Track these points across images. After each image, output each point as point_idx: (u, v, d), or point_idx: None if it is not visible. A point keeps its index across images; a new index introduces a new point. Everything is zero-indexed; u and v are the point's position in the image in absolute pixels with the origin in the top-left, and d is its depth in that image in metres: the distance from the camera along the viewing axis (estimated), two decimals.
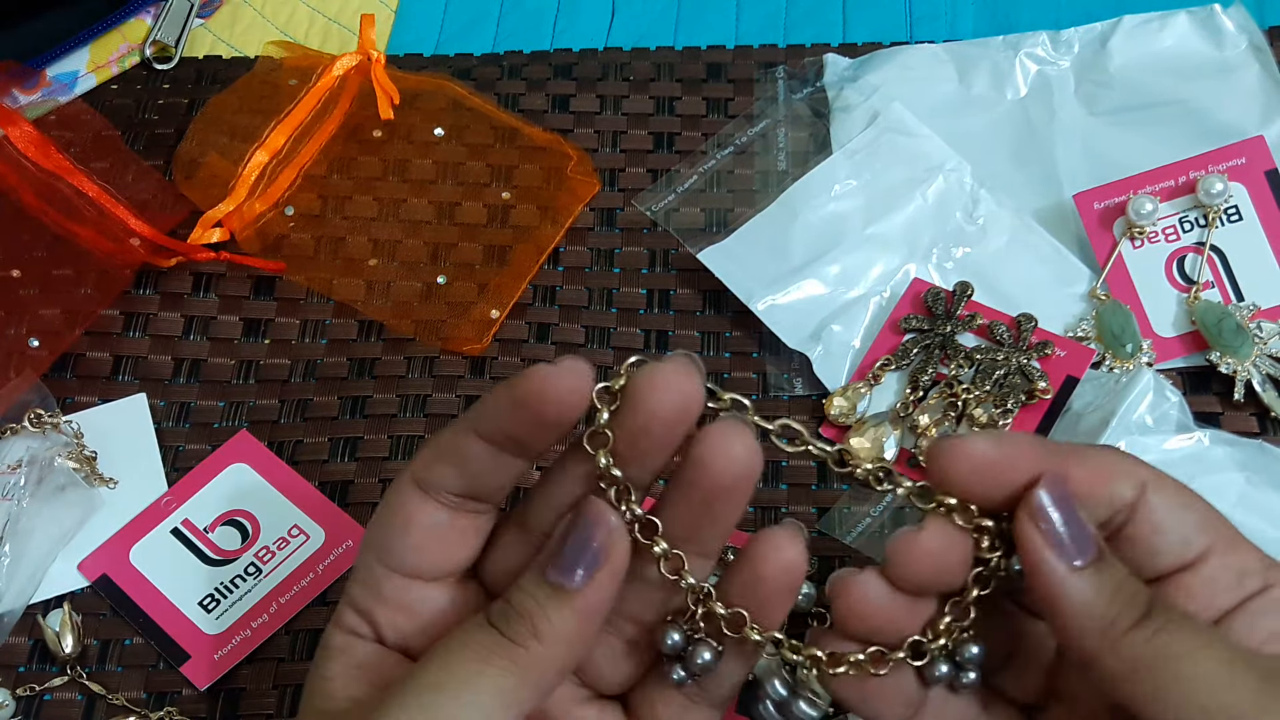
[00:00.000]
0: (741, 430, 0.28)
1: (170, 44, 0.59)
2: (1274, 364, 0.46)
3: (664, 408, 0.27)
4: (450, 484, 0.30)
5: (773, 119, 0.54)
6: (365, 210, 0.53)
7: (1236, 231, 0.48)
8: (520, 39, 0.59)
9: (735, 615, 0.29)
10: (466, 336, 0.49)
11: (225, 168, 0.52)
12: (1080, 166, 0.51)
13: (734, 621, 0.29)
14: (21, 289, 0.51)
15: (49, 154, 0.49)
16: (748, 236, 0.50)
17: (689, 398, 0.27)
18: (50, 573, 0.45)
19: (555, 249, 0.52)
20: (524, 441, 0.29)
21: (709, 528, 0.29)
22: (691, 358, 0.28)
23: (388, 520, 0.30)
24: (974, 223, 0.50)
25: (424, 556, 0.30)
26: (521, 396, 0.28)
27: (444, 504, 0.30)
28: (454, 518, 0.30)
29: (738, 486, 0.28)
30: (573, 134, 0.55)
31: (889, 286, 0.49)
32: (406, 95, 0.54)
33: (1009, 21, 0.56)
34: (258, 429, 0.48)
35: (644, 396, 0.27)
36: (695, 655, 0.29)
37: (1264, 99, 0.51)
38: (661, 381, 0.27)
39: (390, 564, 0.31)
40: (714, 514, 0.29)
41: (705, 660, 0.29)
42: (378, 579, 0.31)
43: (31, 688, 0.43)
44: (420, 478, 0.30)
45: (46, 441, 0.46)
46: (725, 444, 0.27)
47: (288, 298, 0.51)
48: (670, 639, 0.30)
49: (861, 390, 0.47)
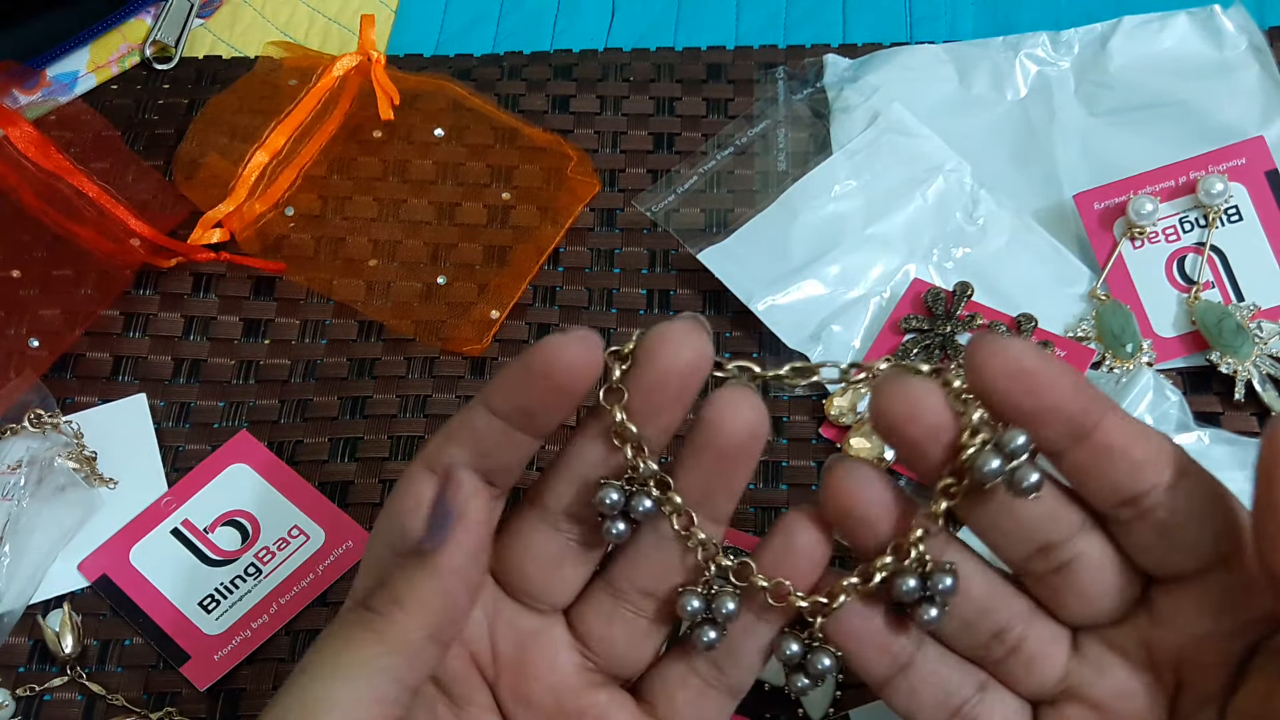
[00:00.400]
0: (749, 393, 0.29)
1: (170, 44, 0.59)
2: (1274, 364, 0.46)
3: (678, 361, 0.28)
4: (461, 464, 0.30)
5: (773, 119, 0.54)
6: (365, 211, 0.53)
7: (1236, 232, 0.48)
8: (520, 39, 0.59)
9: (741, 565, 0.30)
10: (466, 337, 0.49)
11: (225, 168, 0.52)
12: (1080, 167, 0.51)
13: (740, 571, 0.30)
14: (21, 289, 0.51)
15: (49, 154, 0.49)
16: (748, 237, 0.50)
17: (700, 352, 0.28)
18: (50, 573, 0.45)
19: (555, 249, 0.52)
20: (536, 414, 0.29)
21: (721, 490, 0.30)
22: (698, 318, 0.29)
23: (399, 505, 0.31)
24: (974, 223, 0.50)
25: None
26: (533, 366, 0.28)
27: None
28: None
29: (748, 446, 0.29)
30: (573, 134, 0.55)
31: (889, 287, 0.49)
32: (406, 96, 0.54)
33: (1009, 22, 0.56)
34: (258, 429, 0.48)
35: (657, 351, 0.28)
36: (719, 607, 0.30)
37: (1264, 99, 0.51)
38: (673, 336, 0.28)
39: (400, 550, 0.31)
40: (725, 475, 0.29)
41: (729, 610, 0.30)
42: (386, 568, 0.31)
43: (31, 688, 0.43)
44: (431, 461, 0.30)
45: (46, 442, 0.46)
46: (735, 405, 0.28)
47: (288, 298, 0.51)
48: (690, 605, 0.30)
49: (861, 390, 0.47)
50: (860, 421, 0.46)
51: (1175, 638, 0.30)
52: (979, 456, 0.27)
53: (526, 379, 0.28)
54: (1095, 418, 0.27)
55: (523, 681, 0.32)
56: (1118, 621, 0.30)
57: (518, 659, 0.32)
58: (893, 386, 0.27)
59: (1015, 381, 0.27)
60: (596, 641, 0.32)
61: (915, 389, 0.27)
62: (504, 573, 0.32)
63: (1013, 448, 0.27)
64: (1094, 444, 0.28)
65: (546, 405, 0.29)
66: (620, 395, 0.29)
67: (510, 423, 0.29)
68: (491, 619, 0.32)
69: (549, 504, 0.31)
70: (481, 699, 0.32)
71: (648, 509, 0.29)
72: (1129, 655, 0.30)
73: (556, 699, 0.32)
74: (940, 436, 0.27)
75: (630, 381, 0.29)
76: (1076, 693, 0.31)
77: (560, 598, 0.32)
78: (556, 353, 0.28)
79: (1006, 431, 0.27)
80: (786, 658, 0.30)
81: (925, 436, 0.27)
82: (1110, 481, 0.28)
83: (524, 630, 0.32)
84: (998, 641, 0.31)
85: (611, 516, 0.30)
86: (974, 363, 0.27)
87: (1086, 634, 0.31)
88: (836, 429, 0.47)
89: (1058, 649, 0.31)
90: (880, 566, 0.29)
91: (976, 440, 0.27)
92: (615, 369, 0.29)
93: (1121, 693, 0.30)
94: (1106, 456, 0.28)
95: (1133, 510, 0.28)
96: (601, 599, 0.32)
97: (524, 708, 0.32)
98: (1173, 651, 0.30)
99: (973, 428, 0.27)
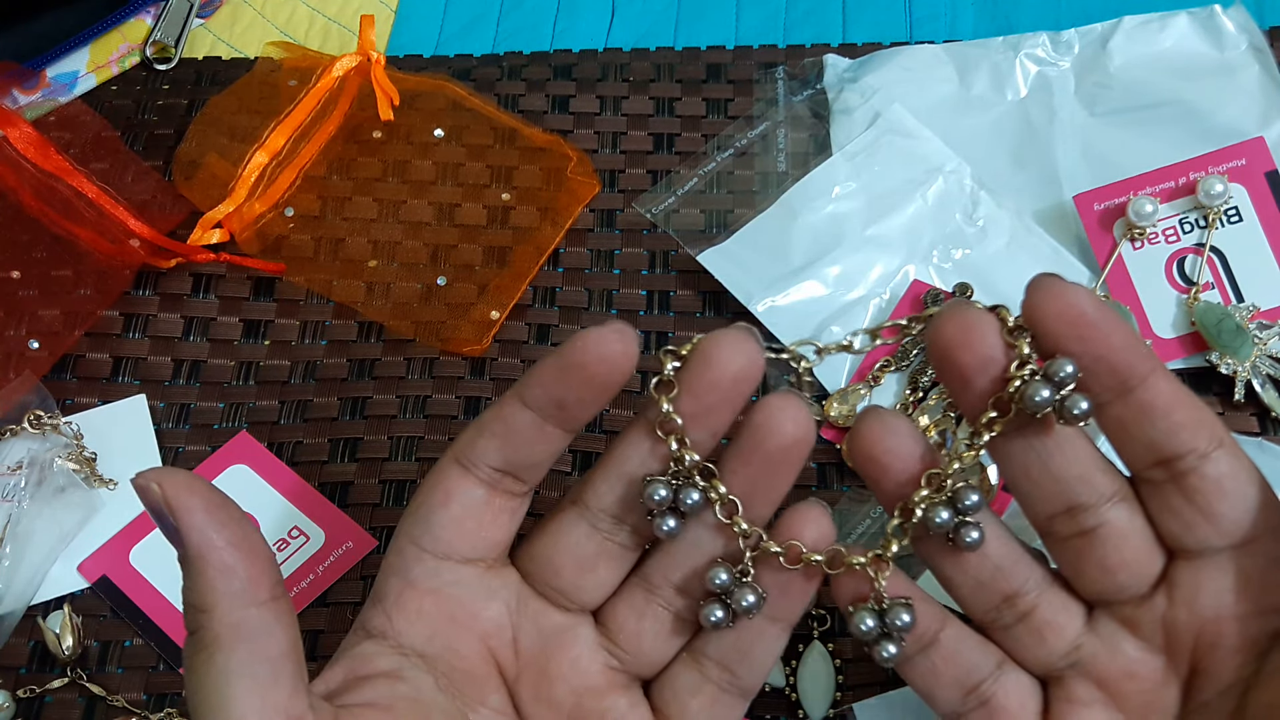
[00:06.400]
0: (797, 399, 0.30)
1: (170, 44, 0.59)
2: (1274, 364, 0.46)
3: (733, 365, 0.29)
4: (491, 457, 0.31)
5: (772, 120, 0.54)
6: (365, 211, 0.53)
7: (1236, 232, 0.48)
8: (520, 39, 0.58)
9: (790, 547, 0.30)
10: (466, 338, 0.49)
11: (225, 169, 0.52)
12: (1080, 167, 0.51)
13: (791, 554, 0.30)
14: (21, 290, 0.51)
15: (48, 155, 0.49)
16: (747, 238, 0.50)
17: (753, 361, 0.29)
18: (50, 574, 0.45)
19: (555, 250, 0.52)
20: (570, 408, 0.30)
21: (764, 491, 0.30)
22: (751, 329, 0.29)
23: (426, 498, 0.32)
24: (974, 224, 0.50)
25: (460, 532, 0.31)
26: (570, 358, 0.29)
27: (482, 480, 0.31)
28: (490, 495, 0.31)
29: (795, 450, 0.30)
30: (572, 135, 0.55)
31: (888, 288, 0.49)
32: (406, 96, 0.54)
33: (1009, 22, 0.56)
34: (257, 430, 0.48)
35: (712, 354, 0.29)
36: (740, 598, 0.30)
37: (1264, 100, 0.51)
38: (730, 342, 0.29)
39: (424, 544, 0.31)
40: (770, 478, 0.30)
41: (749, 602, 0.30)
42: (408, 563, 0.32)
43: (32, 689, 0.43)
44: (461, 455, 0.31)
45: (46, 443, 0.47)
46: (784, 410, 0.29)
47: (287, 299, 0.51)
48: (718, 578, 0.30)
49: (861, 392, 0.47)
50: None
51: (1195, 618, 0.30)
52: (1029, 386, 0.27)
53: (562, 370, 0.29)
54: (1142, 374, 0.28)
55: (545, 680, 0.32)
56: (1135, 600, 0.30)
57: (541, 657, 0.32)
58: (951, 313, 0.28)
59: (1070, 326, 0.27)
60: (626, 637, 0.32)
61: (972, 317, 0.28)
62: (535, 568, 0.32)
63: (1061, 376, 0.27)
64: (1137, 399, 0.28)
65: (581, 397, 0.29)
66: (670, 388, 0.29)
67: (543, 415, 0.30)
68: (515, 615, 0.32)
69: (589, 502, 0.31)
70: (495, 700, 0.32)
71: (695, 501, 0.30)
72: (1144, 635, 0.30)
73: (578, 699, 0.32)
74: (989, 368, 0.28)
75: (682, 381, 0.29)
76: (1085, 667, 0.31)
77: (591, 597, 0.32)
78: (594, 344, 0.29)
79: (1055, 361, 0.27)
80: (861, 632, 0.30)
81: (976, 365, 0.28)
82: (1148, 440, 0.28)
83: (549, 628, 0.32)
84: (1009, 606, 0.31)
85: (661, 513, 0.30)
86: (1031, 301, 0.28)
87: (1102, 610, 0.31)
88: (836, 430, 0.47)
89: (1070, 620, 0.31)
90: (919, 500, 0.29)
91: (1025, 371, 0.27)
92: (667, 363, 0.29)
93: (1132, 672, 0.30)
94: (1147, 414, 0.28)
95: (1166, 473, 0.29)
96: (635, 594, 0.32)
97: (544, 707, 0.32)
98: (1191, 633, 0.30)
99: (1021, 358, 0.28)
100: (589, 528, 0.31)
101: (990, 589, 0.31)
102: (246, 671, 0.27)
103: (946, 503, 0.29)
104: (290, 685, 0.28)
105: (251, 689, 0.27)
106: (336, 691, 0.31)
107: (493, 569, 0.32)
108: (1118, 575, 0.30)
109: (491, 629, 0.32)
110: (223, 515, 0.28)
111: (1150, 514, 0.30)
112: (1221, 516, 0.29)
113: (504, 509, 0.32)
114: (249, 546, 0.28)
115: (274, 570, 0.29)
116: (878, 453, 0.29)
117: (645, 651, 0.32)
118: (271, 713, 0.27)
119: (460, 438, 0.31)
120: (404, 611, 0.32)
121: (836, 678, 0.41)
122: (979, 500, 0.29)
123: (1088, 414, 0.28)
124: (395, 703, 0.30)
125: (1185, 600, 0.30)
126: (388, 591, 0.32)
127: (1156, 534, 0.30)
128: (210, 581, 0.28)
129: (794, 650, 0.42)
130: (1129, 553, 0.30)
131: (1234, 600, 0.29)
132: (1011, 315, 0.28)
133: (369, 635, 0.32)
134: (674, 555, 0.31)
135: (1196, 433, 0.28)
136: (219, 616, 0.28)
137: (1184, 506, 0.29)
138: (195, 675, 0.28)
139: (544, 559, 0.32)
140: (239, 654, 0.27)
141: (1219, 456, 0.28)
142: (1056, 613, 0.31)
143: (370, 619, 0.32)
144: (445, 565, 0.32)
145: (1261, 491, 0.29)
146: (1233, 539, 0.29)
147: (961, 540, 0.29)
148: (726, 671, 0.32)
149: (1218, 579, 0.29)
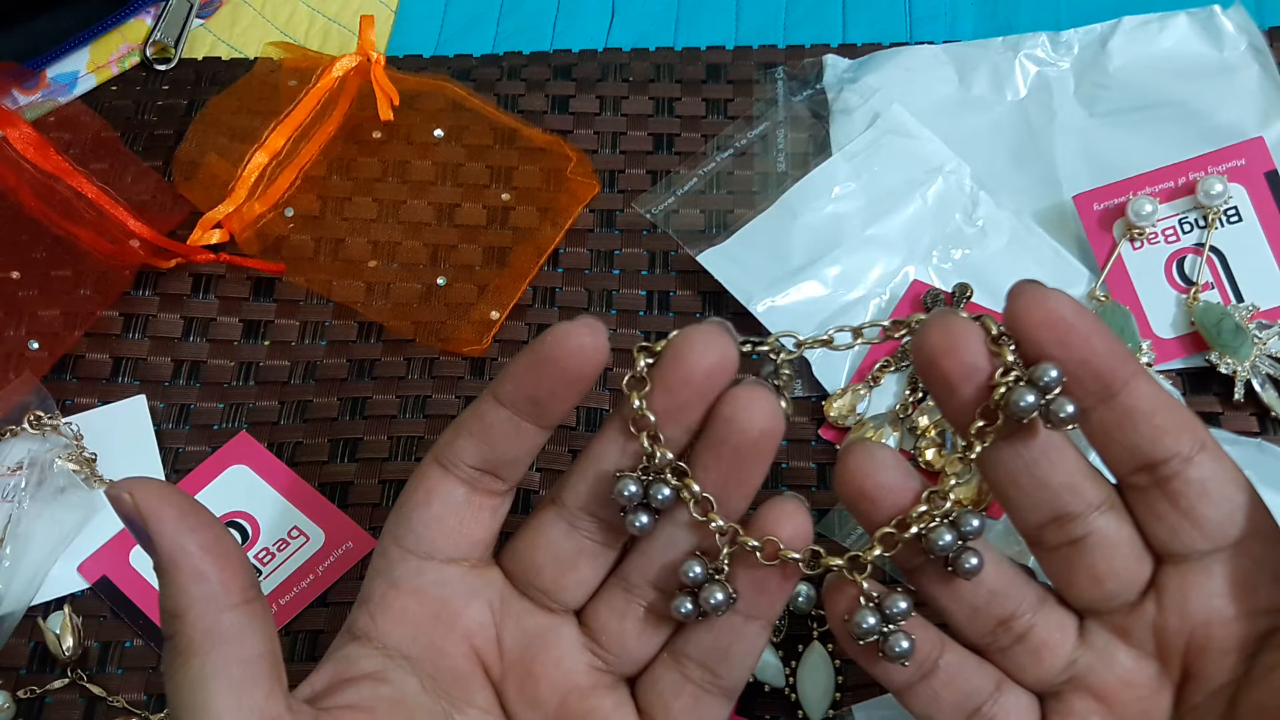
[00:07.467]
0: (765, 391, 0.29)
1: (170, 44, 0.59)
2: (1274, 364, 0.46)
3: (705, 360, 0.29)
4: (470, 456, 0.31)
5: (772, 121, 0.54)
6: (365, 211, 0.53)
7: (1236, 233, 0.48)
8: (520, 40, 0.58)
9: (767, 542, 0.30)
10: (466, 338, 0.49)
11: (225, 169, 0.52)
12: (1080, 167, 0.51)
13: (768, 550, 0.30)
14: (21, 290, 0.51)
15: (48, 155, 0.49)
16: (747, 238, 0.50)
17: (726, 355, 0.29)
18: (50, 575, 0.45)
19: (555, 250, 0.52)
20: (544, 403, 0.30)
21: (735, 485, 0.30)
22: (725, 323, 0.29)
23: (408, 499, 0.32)
24: (973, 224, 0.50)
25: (441, 532, 0.31)
26: (541, 353, 0.29)
27: (463, 479, 0.31)
28: (471, 495, 0.31)
29: (763, 443, 0.29)
30: (572, 135, 0.55)
31: (888, 288, 0.49)
32: (406, 96, 0.54)
33: (1009, 22, 0.56)
34: (257, 430, 0.48)
35: (684, 350, 0.29)
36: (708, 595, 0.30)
37: (1264, 100, 0.51)
38: (702, 337, 0.29)
39: (407, 545, 0.32)
40: (741, 471, 0.30)
41: (717, 600, 0.30)
42: (392, 564, 0.32)
43: (32, 690, 0.43)
44: (441, 454, 0.31)
45: (46, 444, 0.47)
46: (751, 402, 0.29)
47: (287, 299, 0.51)
48: (692, 571, 0.30)
49: (861, 392, 0.47)
50: (860, 423, 0.46)
51: (1184, 623, 0.30)
52: (1014, 392, 0.27)
53: (534, 366, 0.29)
54: (1124, 378, 0.28)
55: (530, 680, 0.32)
56: (1126, 608, 0.30)
57: (525, 657, 0.32)
58: (936, 322, 0.28)
59: (1051, 331, 0.27)
60: (609, 638, 0.32)
61: (957, 326, 0.28)
62: (518, 568, 0.32)
63: (1046, 380, 0.27)
64: (1120, 404, 0.28)
65: (553, 392, 0.29)
66: (643, 385, 0.29)
67: (518, 412, 0.30)
68: (499, 615, 0.32)
69: (567, 500, 0.31)
70: (482, 699, 0.32)
71: (666, 497, 0.30)
72: (1136, 643, 0.30)
73: (563, 700, 0.32)
74: (974, 376, 0.28)
75: (656, 378, 0.29)
76: (1082, 682, 0.31)
77: (573, 596, 0.32)
78: (564, 339, 0.29)
79: (1038, 366, 0.27)
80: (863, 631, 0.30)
81: (960, 373, 0.28)
82: (1131, 444, 0.28)
83: (533, 628, 0.32)
84: (1005, 629, 0.31)
85: (632, 509, 0.30)
86: (1012, 308, 0.28)
87: (1093, 621, 0.31)
88: (836, 430, 0.47)
89: (1065, 636, 0.31)
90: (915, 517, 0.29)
91: (1009, 378, 0.27)
92: (640, 360, 0.29)
93: (1127, 681, 0.31)
94: (1130, 419, 0.28)
95: (1150, 478, 0.29)
96: (615, 594, 0.32)
97: (530, 707, 0.32)
98: (1182, 637, 0.30)
99: (1006, 366, 0.28)
100: (568, 526, 0.31)
101: (986, 614, 0.31)
102: (222, 674, 0.28)
103: (949, 525, 0.29)
104: (267, 687, 0.28)
105: (227, 691, 0.27)
106: (321, 694, 0.31)
107: (476, 569, 0.32)
108: (1107, 584, 0.30)
109: (475, 629, 0.32)
110: (194, 521, 0.28)
111: (1137, 520, 0.30)
112: (1206, 520, 0.29)
113: (484, 507, 0.32)
114: (221, 551, 0.28)
115: (247, 574, 0.29)
116: (868, 487, 0.29)
117: (628, 651, 0.32)
118: (248, 714, 0.27)
119: (440, 438, 0.31)
120: (388, 613, 0.32)
121: (836, 678, 0.41)
122: (979, 525, 0.29)
123: (1074, 417, 0.27)
124: (377, 704, 0.30)
125: (1174, 605, 0.30)
126: (372, 593, 0.32)
127: (1144, 540, 0.30)
128: (183, 587, 0.28)
129: (794, 651, 0.42)
130: (1118, 561, 0.30)
131: (1222, 603, 0.29)
132: (995, 325, 0.28)
133: (354, 638, 0.32)
134: (651, 554, 0.32)
135: (1179, 436, 0.28)
136: (193, 621, 0.28)
137: (1169, 511, 0.29)
138: (173, 680, 0.28)
139: (525, 558, 0.32)
140: (214, 657, 0.28)
141: (1202, 460, 0.29)
142: (1052, 631, 0.31)
143: (356, 621, 0.32)
144: (428, 565, 0.32)
145: (1245, 493, 0.29)
146: (1218, 542, 0.29)
147: (960, 566, 0.29)
148: (708, 671, 0.32)
149: (1205, 583, 0.29)
